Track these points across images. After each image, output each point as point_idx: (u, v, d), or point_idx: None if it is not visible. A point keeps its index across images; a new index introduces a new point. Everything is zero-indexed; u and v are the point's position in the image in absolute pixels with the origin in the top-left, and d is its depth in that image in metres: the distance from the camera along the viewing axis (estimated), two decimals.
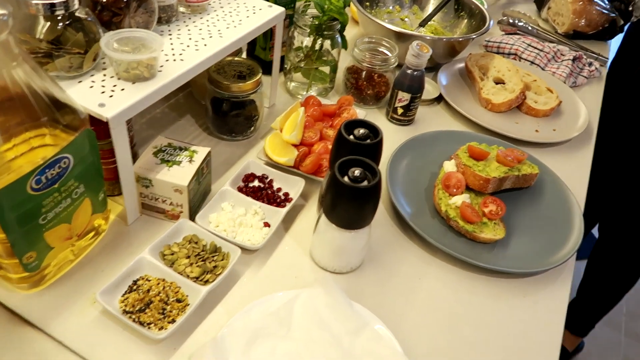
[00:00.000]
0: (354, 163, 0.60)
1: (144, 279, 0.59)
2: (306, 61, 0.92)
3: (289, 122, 0.79)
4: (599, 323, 1.63)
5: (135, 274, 0.60)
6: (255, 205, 0.70)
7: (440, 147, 0.85)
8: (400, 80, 0.88)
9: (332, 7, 0.83)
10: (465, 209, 0.71)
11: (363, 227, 0.62)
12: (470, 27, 1.11)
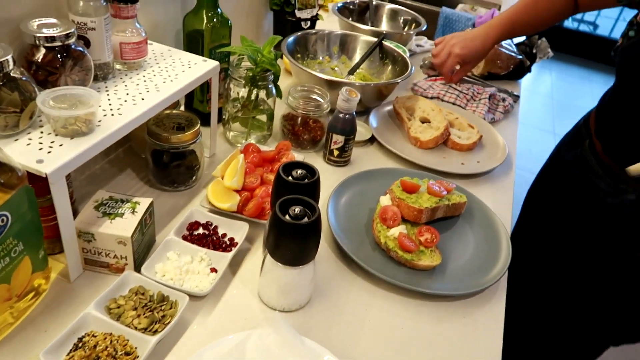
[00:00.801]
0: (294, 202, 0.63)
1: (90, 335, 0.58)
2: (243, 111, 0.96)
3: (229, 169, 0.81)
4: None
5: (81, 331, 0.58)
6: (201, 252, 0.71)
7: (375, 184, 0.90)
8: (333, 124, 0.93)
9: (264, 60, 0.88)
10: (403, 240, 0.76)
11: (307, 263, 0.64)
12: (394, 72, 1.20)
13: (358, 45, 1.27)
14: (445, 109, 1.16)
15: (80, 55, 0.65)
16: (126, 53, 0.75)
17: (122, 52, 0.75)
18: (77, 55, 0.65)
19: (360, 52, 1.27)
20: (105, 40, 0.70)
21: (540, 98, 3.93)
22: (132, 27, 0.75)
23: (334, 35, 1.27)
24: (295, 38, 1.18)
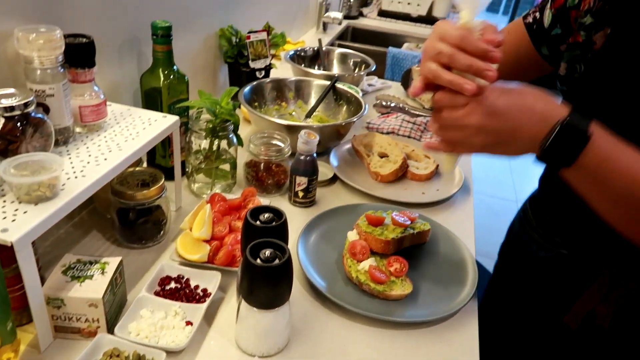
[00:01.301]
0: (264, 245, 0.64)
1: None
2: (206, 162, 0.97)
3: (197, 220, 0.82)
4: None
5: None
6: (174, 306, 0.71)
7: (342, 221, 0.93)
8: (296, 167, 0.96)
9: (222, 111, 0.91)
10: (373, 272, 0.77)
11: (282, 305, 0.65)
12: (350, 112, 1.25)
13: (312, 90, 1.32)
14: (401, 142, 1.21)
15: (40, 122, 0.66)
16: (86, 116, 0.76)
17: (82, 115, 0.76)
18: (37, 122, 0.66)
19: (315, 96, 1.32)
20: (65, 105, 0.72)
21: None
22: (91, 90, 0.77)
23: (288, 81, 1.32)
24: (252, 87, 1.22)
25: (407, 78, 1.60)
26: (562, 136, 0.57)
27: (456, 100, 0.61)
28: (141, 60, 1.00)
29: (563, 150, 0.57)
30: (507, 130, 0.60)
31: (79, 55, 0.74)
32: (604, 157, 0.56)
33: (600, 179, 0.57)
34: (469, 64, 0.58)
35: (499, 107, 0.59)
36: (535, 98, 0.60)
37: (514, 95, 0.60)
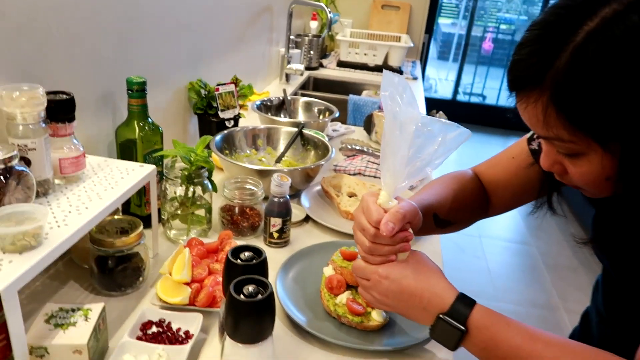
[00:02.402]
0: (247, 282, 0.67)
1: None
2: (182, 208, 1.00)
3: (176, 264, 0.84)
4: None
5: None
6: (157, 349, 0.72)
7: (317, 258, 0.96)
8: (270, 209, 1.00)
9: (198, 158, 0.95)
10: (351, 304, 0.81)
11: (267, 339, 0.67)
12: (317, 156, 1.31)
13: (281, 136, 1.38)
14: (367, 182, 1.27)
15: (22, 174, 0.68)
16: (65, 168, 0.79)
17: (62, 167, 0.79)
18: (19, 175, 0.68)
19: (284, 142, 1.37)
20: (46, 158, 0.74)
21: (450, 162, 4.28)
22: (70, 144, 0.80)
23: (257, 129, 1.37)
24: (222, 136, 1.26)
25: (369, 122, 1.69)
26: (441, 329, 0.66)
27: (365, 273, 0.74)
28: (116, 114, 1.04)
29: (445, 339, 0.66)
30: (400, 309, 0.72)
31: (60, 111, 0.77)
32: (485, 344, 0.63)
33: (485, 357, 0.64)
34: (383, 255, 0.72)
35: (392, 290, 0.70)
36: (425, 285, 0.68)
37: (409, 280, 0.69)
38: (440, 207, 0.83)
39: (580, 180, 0.58)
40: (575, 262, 3.01)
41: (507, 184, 0.87)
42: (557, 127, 0.54)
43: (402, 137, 0.66)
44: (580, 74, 0.49)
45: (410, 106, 0.66)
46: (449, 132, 0.66)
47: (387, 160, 0.68)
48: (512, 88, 0.58)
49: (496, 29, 5.98)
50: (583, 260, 3.01)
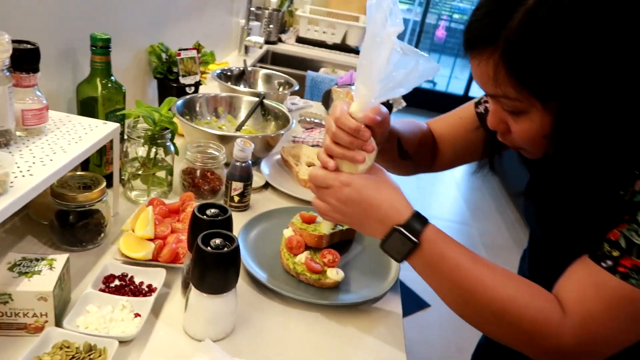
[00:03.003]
0: (213, 235, 0.70)
1: None
2: (143, 169, 1.01)
3: (140, 220, 0.86)
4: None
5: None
6: (121, 300, 0.74)
7: (276, 221, 1.00)
8: (232, 173, 1.02)
9: (162, 118, 0.96)
10: (310, 263, 0.86)
11: (231, 290, 0.71)
12: (278, 126, 1.34)
13: (242, 105, 1.39)
14: None
15: None
16: (28, 119, 0.78)
17: (24, 118, 0.77)
18: None
19: (244, 111, 1.39)
20: (8, 108, 0.73)
21: None
22: (33, 95, 0.78)
23: (219, 97, 1.38)
24: (184, 101, 1.26)
25: (327, 98, 1.73)
26: (394, 240, 0.68)
27: (326, 180, 0.72)
28: (77, 71, 1.02)
29: (395, 251, 0.69)
30: (355, 219, 0.72)
31: (24, 61, 0.76)
32: (432, 258, 0.67)
33: (431, 272, 0.68)
34: (349, 141, 0.70)
35: (352, 198, 0.71)
36: (385, 197, 0.70)
37: (370, 190, 0.70)
38: (405, 137, 0.86)
39: (521, 138, 0.64)
40: (510, 242, 3.21)
41: (453, 141, 0.93)
42: (505, 85, 0.59)
43: (382, 49, 0.66)
44: (530, 35, 0.54)
45: (396, 18, 0.66)
46: (422, 60, 0.67)
47: (363, 70, 0.68)
48: (467, 47, 0.62)
49: (449, 18, 6.13)
50: (517, 240, 3.22)
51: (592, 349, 0.62)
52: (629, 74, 0.54)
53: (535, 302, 0.64)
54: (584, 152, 0.59)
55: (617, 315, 0.59)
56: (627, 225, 0.59)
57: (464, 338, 2.26)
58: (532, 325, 0.63)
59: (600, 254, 0.61)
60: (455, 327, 2.32)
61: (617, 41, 0.53)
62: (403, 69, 0.67)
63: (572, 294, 0.63)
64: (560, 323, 0.62)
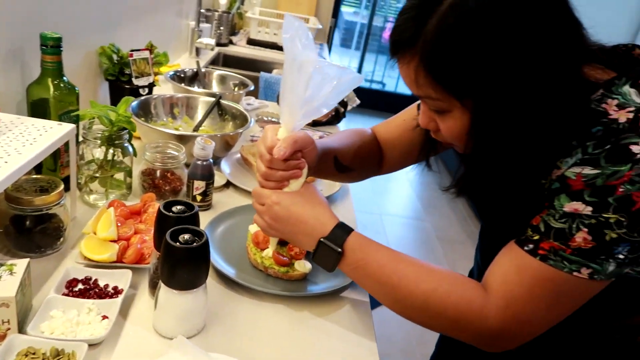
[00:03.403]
0: (182, 231, 0.70)
1: None
2: (101, 171, 0.98)
3: (101, 222, 0.84)
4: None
5: None
6: (87, 303, 0.72)
7: (240, 219, 1.00)
8: (193, 172, 1.02)
9: (120, 118, 0.94)
10: (277, 256, 0.86)
11: (202, 285, 0.71)
12: (236, 125, 1.34)
13: (198, 106, 1.38)
14: None
15: None
16: None
17: None
18: None
19: (201, 112, 1.38)
20: None
21: None
22: None
23: (175, 98, 1.36)
24: (139, 102, 1.24)
25: None
26: (321, 252, 0.74)
27: (260, 198, 0.79)
28: (25, 72, 0.99)
29: (324, 261, 0.74)
30: (287, 234, 0.78)
31: None
32: (357, 264, 0.73)
33: (359, 276, 0.74)
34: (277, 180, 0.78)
35: (280, 216, 0.77)
36: (310, 212, 0.76)
37: (296, 207, 0.76)
38: (341, 152, 0.90)
39: (448, 135, 0.68)
40: (463, 236, 3.32)
41: (397, 143, 0.97)
42: (426, 86, 0.63)
43: (300, 78, 0.71)
44: (443, 39, 0.58)
45: (309, 49, 0.72)
46: (343, 75, 0.73)
47: (285, 98, 0.74)
48: (392, 51, 0.66)
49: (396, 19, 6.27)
50: (470, 233, 3.34)
51: (517, 328, 0.66)
52: (533, 71, 0.58)
53: (456, 291, 0.68)
54: (500, 146, 0.63)
55: (538, 295, 0.64)
56: (547, 210, 0.63)
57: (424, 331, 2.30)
58: (456, 312, 0.67)
59: (524, 238, 0.65)
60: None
61: (519, 42, 0.57)
62: (326, 88, 0.72)
63: (497, 277, 0.67)
64: (483, 306, 0.66)
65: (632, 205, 0.57)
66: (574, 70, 0.61)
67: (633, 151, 0.57)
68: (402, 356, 2.19)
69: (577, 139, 0.62)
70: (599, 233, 0.59)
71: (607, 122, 0.60)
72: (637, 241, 0.58)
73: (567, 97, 0.61)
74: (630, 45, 0.67)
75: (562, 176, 0.62)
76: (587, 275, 0.61)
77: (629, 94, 0.61)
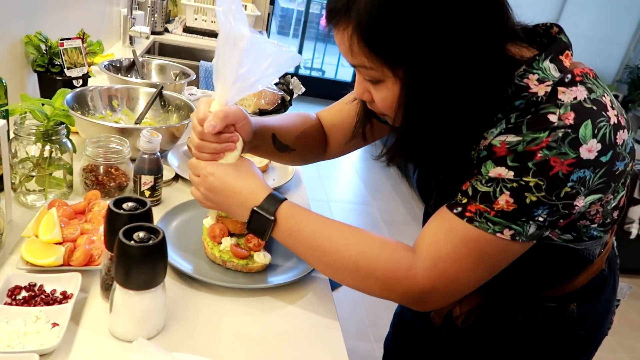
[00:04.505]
0: (136, 229, 0.66)
1: None
2: (37, 169, 0.91)
3: (43, 224, 0.78)
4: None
5: None
6: (33, 311, 0.67)
7: (192, 213, 0.97)
8: (140, 166, 0.97)
9: (57, 112, 0.87)
10: (235, 249, 0.84)
11: (160, 284, 0.67)
12: (181, 117, 1.29)
13: (139, 97, 1.32)
14: None
15: None
16: None
17: None
18: None
19: (142, 103, 1.31)
20: None
21: None
22: None
23: (114, 89, 1.29)
24: (74, 95, 1.16)
25: None
26: (254, 220, 0.75)
27: (196, 169, 0.80)
28: None
29: (258, 230, 0.76)
30: (222, 205, 0.79)
31: None
32: (290, 231, 0.75)
33: (292, 243, 0.76)
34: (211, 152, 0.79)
35: (215, 187, 0.77)
36: (243, 183, 0.77)
37: (230, 178, 0.77)
38: (281, 131, 0.91)
39: (382, 105, 0.70)
40: (408, 218, 3.41)
41: (340, 127, 0.98)
42: (360, 55, 0.64)
43: (233, 52, 0.71)
44: (375, 7, 0.59)
45: (242, 24, 0.71)
46: (280, 53, 0.73)
47: (219, 73, 0.74)
48: (327, 20, 0.67)
49: None
50: (414, 215, 3.43)
51: (444, 287, 0.69)
52: (459, 44, 0.60)
53: (384, 252, 0.71)
54: (428, 115, 0.66)
55: (464, 255, 0.67)
56: (475, 177, 0.67)
57: (375, 313, 2.37)
58: (385, 273, 0.70)
59: (453, 202, 0.69)
60: (366, 304, 2.42)
61: (447, 14, 0.58)
62: (262, 64, 0.72)
63: (426, 239, 0.70)
64: (412, 266, 0.69)
65: (550, 170, 0.61)
66: (499, 47, 0.64)
67: (550, 120, 0.61)
68: (357, 338, 2.23)
69: (502, 112, 0.66)
70: (519, 196, 0.63)
71: (528, 96, 0.64)
72: (554, 204, 0.63)
73: (492, 72, 0.63)
74: (548, 24, 0.71)
75: (489, 145, 0.66)
76: (509, 237, 0.65)
77: (548, 69, 0.64)
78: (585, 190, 0.62)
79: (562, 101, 0.62)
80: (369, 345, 2.18)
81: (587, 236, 0.73)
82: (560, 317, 0.81)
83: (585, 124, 0.60)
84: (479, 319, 0.84)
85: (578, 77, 0.64)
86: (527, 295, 0.81)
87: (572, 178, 0.61)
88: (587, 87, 0.63)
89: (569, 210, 0.64)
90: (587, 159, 0.60)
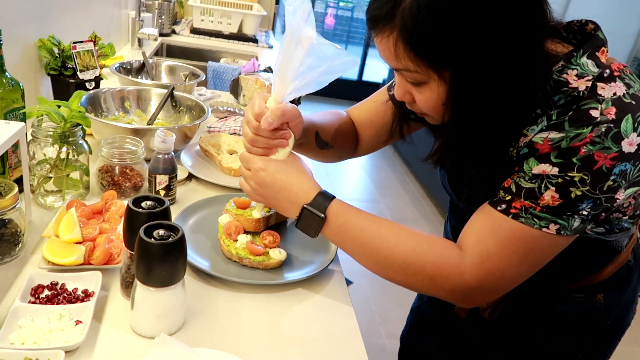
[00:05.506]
0: (156, 227, 0.67)
1: None
2: (55, 171, 0.93)
3: (63, 224, 0.79)
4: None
5: None
6: (57, 309, 0.68)
7: (208, 211, 0.98)
8: (155, 166, 0.98)
9: (73, 114, 0.89)
10: (251, 246, 0.85)
11: (180, 281, 0.69)
12: (192, 117, 1.30)
13: (151, 98, 1.33)
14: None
15: None
16: None
17: None
18: None
19: (154, 105, 1.33)
20: None
21: None
22: None
23: (126, 91, 1.30)
24: (88, 97, 1.18)
25: (235, 87, 1.70)
26: (305, 218, 0.76)
27: (247, 163, 0.80)
28: None
29: (308, 227, 0.76)
30: (271, 200, 0.80)
31: None
32: (340, 228, 0.75)
33: (341, 240, 0.76)
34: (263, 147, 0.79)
35: (266, 182, 0.78)
36: (294, 180, 0.77)
37: (282, 174, 0.77)
38: (322, 128, 0.92)
39: (424, 106, 0.71)
40: (416, 215, 3.41)
41: (370, 125, 0.99)
42: (404, 59, 0.65)
43: (296, 51, 0.72)
44: (421, 12, 0.60)
45: (310, 25, 0.72)
46: (338, 57, 0.74)
47: (279, 70, 0.75)
48: (370, 26, 0.67)
49: (337, 5, 6.29)
50: (422, 212, 3.43)
51: (492, 283, 0.70)
52: (502, 43, 0.61)
53: (433, 249, 0.71)
54: (474, 113, 0.66)
55: (511, 251, 0.68)
56: (517, 174, 0.68)
57: (386, 309, 2.38)
58: (434, 270, 0.70)
59: (496, 199, 0.69)
60: (377, 300, 2.43)
61: (490, 16, 0.59)
62: (320, 66, 0.73)
63: (472, 237, 0.71)
64: (460, 263, 0.69)
65: (594, 164, 0.62)
66: (538, 44, 0.64)
67: (593, 115, 0.62)
68: (368, 334, 2.24)
69: (541, 108, 0.67)
70: (565, 191, 0.64)
71: (568, 91, 0.65)
72: (598, 198, 0.64)
73: (532, 68, 0.64)
74: (583, 21, 0.71)
75: (530, 142, 0.66)
76: (554, 231, 0.66)
77: (586, 65, 0.65)
78: (625, 183, 0.64)
79: (603, 97, 0.63)
80: (380, 341, 2.19)
81: (618, 228, 0.74)
82: (588, 307, 0.81)
83: (626, 119, 0.62)
84: (505, 311, 0.85)
85: (616, 72, 0.65)
86: (556, 287, 0.82)
87: (615, 172, 0.62)
88: (625, 82, 0.65)
89: (611, 204, 0.65)
90: (629, 152, 0.62)
